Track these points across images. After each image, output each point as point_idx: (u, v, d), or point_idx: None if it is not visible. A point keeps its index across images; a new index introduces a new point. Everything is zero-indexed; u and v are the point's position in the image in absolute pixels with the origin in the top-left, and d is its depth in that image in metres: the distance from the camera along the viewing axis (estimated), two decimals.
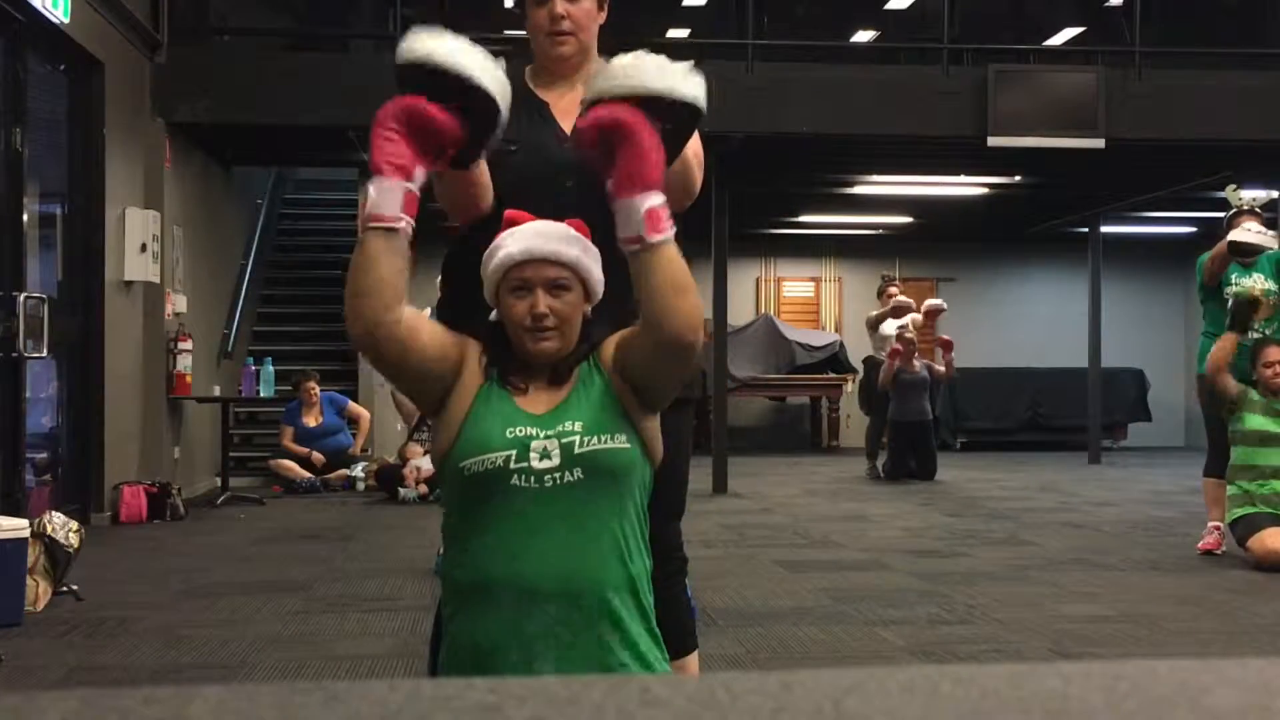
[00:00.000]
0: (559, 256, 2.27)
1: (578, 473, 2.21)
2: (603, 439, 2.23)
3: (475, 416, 2.26)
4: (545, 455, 2.21)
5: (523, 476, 2.20)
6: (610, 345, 2.34)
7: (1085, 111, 9.47)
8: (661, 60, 2.33)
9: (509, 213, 2.35)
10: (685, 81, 2.33)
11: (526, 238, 2.29)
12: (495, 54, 2.38)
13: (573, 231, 2.32)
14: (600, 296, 2.34)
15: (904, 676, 0.71)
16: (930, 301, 11.37)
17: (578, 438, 2.22)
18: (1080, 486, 10.61)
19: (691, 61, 2.37)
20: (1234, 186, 6.93)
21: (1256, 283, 6.60)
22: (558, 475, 2.20)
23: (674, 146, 2.39)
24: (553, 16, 2.71)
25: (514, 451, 2.21)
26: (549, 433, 2.22)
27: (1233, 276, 6.65)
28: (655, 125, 2.25)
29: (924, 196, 13.35)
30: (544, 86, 2.80)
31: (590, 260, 2.31)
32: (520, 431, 2.22)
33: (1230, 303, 6.30)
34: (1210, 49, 11.72)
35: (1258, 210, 6.70)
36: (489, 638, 2.18)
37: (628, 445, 2.25)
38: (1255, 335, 6.59)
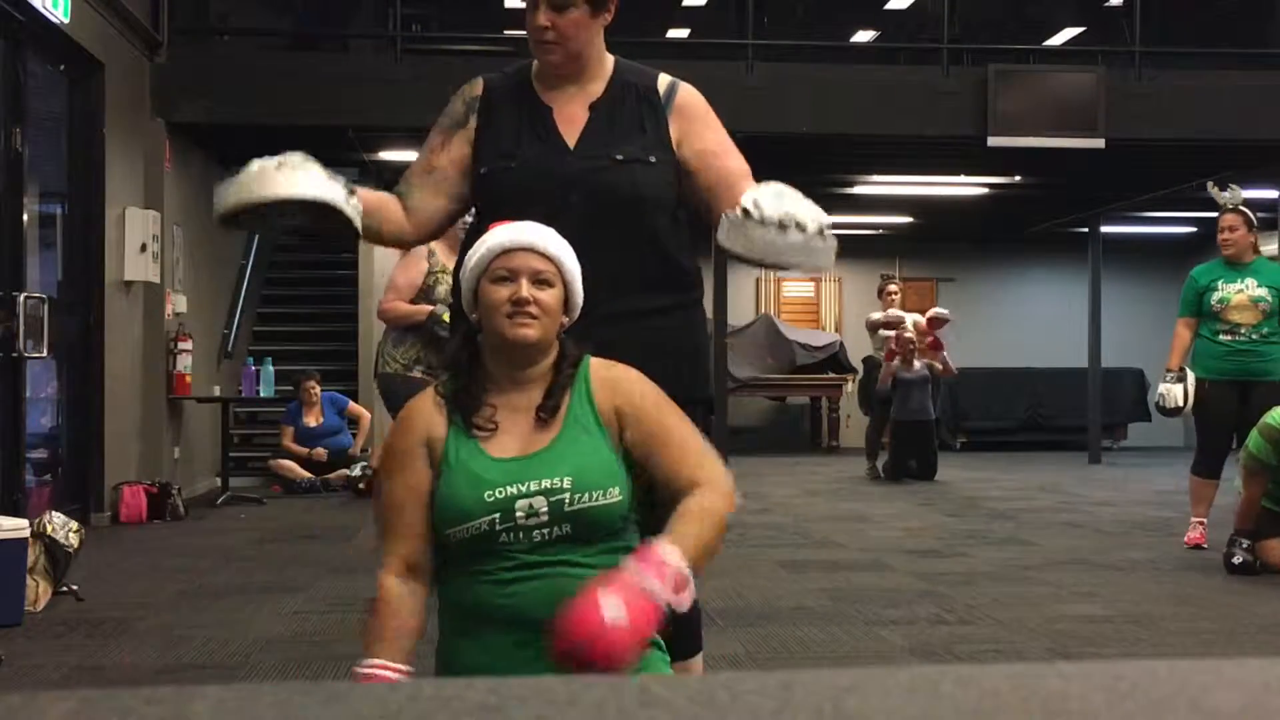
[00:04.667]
0: (544, 249, 2.25)
1: (567, 527, 2.15)
2: (594, 495, 2.16)
3: (447, 478, 2.19)
4: (532, 513, 2.14)
5: (510, 534, 2.15)
6: (612, 392, 2.25)
7: (1085, 111, 9.46)
8: (802, 234, 2.46)
9: (490, 225, 2.33)
10: (821, 255, 2.50)
11: (511, 230, 2.27)
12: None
13: (558, 236, 2.29)
14: (579, 312, 2.30)
15: (904, 676, 0.71)
16: (936, 311, 11.21)
17: (567, 495, 2.14)
18: (1080, 486, 10.61)
19: (824, 223, 2.49)
20: (1212, 183, 6.91)
21: (1246, 288, 6.57)
22: (547, 531, 2.15)
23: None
24: (539, 28, 2.67)
25: (497, 515, 2.14)
26: (534, 487, 2.14)
27: (1218, 282, 6.61)
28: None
29: (924, 196, 13.35)
30: (548, 88, 2.75)
31: (573, 266, 2.27)
32: (500, 493, 2.15)
33: None
34: (1210, 49, 11.72)
35: (1242, 209, 6.69)
36: (490, 662, 2.15)
37: (619, 497, 2.19)
38: (1241, 339, 6.53)
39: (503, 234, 2.27)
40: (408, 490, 2.21)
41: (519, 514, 2.14)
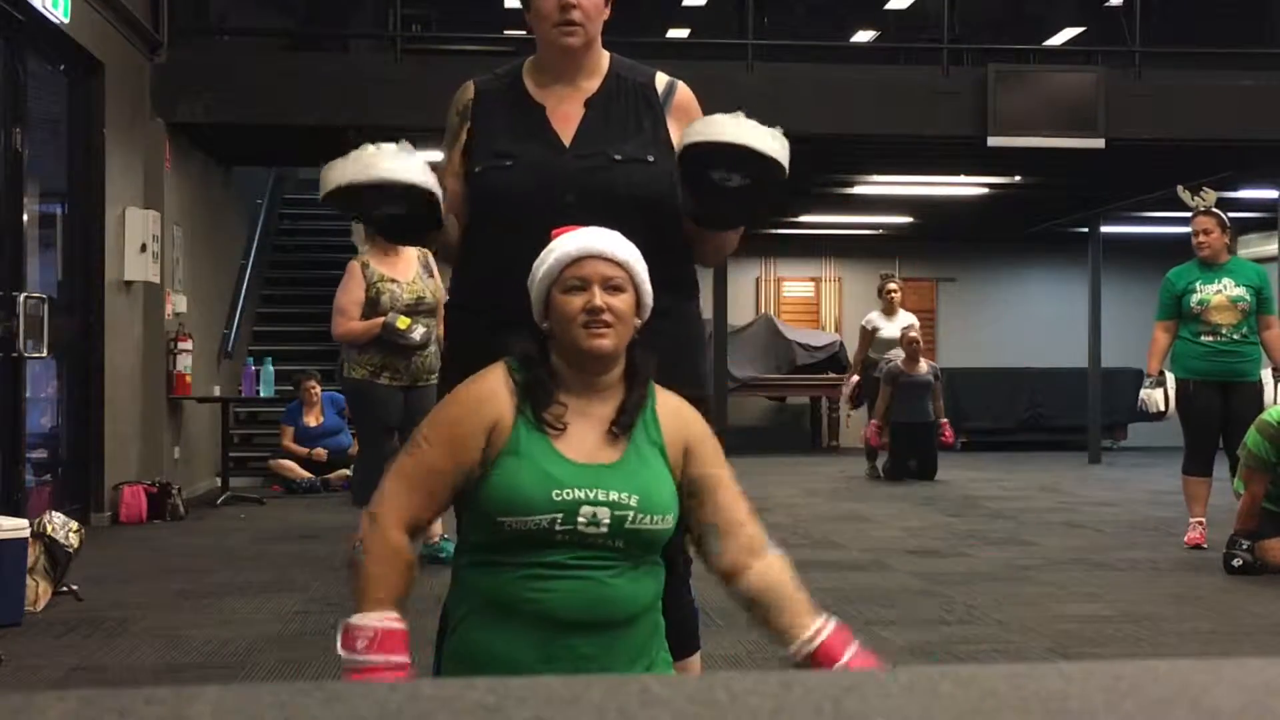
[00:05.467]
0: (615, 255, 2.24)
1: (620, 543, 2.18)
2: (654, 519, 2.19)
3: (511, 466, 2.18)
4: (593, 522, 2.15)
5: (567, 535, 2.16)
6: (681, 426, 2.29)
7: (1085, 111, 9.47)
8: (740, 119, 2.46)
9: (555, 230, 2.31)
10: (761, 138, 2.46)
11: (581, 238, 2.26)
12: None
13: (625, 239, 2.29)
14: (649, 313, 2.30)
15: (904, 676, 0.71)
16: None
17: (630, 513, 2.17)
18: (1080, 486, 10.61)
19: (778, 129, 2.52)
20: (1182, 188, 6.94)
21: (1225, 289, 6.59)
22: (601, 540, 2.17)
23: (749, 201, 2.53)
24: (563, 6, 2.60)
25: (560, 515, 2.15)
26: (601, 498, 2.16)
27: (1196, 284, 6.65)
28: (726, 179, 2.45)
29: (924, 196, 13.35)
30: (542, 86, 2.71)
31: (642, 269, 2.27)
32: (568, 494, 2.15)
33: None
34: (1210, 49, 11.71)
35: (1215, 211, 6.73)
36: (508, 652, 2.17)
37: (671, 524, 2.23)
38: (1223, 339, 6.54)
39: (571, 242, 2.25)
40: (454, 465, 2.21)
41: (581, 520, 2.15)
